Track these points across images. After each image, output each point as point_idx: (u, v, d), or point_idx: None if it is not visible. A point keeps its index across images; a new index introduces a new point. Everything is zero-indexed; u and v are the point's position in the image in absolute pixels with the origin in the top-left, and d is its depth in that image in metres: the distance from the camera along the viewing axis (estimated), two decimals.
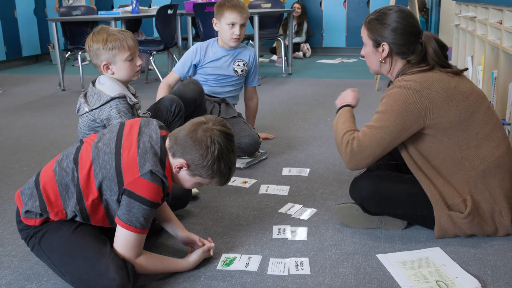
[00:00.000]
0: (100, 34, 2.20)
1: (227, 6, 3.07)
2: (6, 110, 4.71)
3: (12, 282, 1.81)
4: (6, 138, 3.72)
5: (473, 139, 1.93)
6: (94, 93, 2.23)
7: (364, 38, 2.11)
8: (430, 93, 1.90)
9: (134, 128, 1.76)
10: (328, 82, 5.86)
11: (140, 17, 6.14)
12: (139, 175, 1.64)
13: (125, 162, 1.66)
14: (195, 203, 2.44)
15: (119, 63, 2.22)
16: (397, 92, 1.93)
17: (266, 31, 6.82)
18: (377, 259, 1.91)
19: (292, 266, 1.87)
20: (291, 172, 2.87)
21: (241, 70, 3.26)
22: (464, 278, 1.76)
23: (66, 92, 5.61)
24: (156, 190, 1.66)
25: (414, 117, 1.91)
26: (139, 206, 1.64)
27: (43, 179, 1.76)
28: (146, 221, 1.68)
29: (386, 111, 1.94)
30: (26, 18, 7.84)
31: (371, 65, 2.15)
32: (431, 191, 1.96)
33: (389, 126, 1.93)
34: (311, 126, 3.88)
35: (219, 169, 1.70)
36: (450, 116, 1.91)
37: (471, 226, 1.96)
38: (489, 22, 3.75)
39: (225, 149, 1.69)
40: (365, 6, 8.22)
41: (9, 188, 2.72)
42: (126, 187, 1.64)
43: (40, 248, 1.75)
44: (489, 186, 1.95)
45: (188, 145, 1.68)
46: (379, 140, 1.95)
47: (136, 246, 1.69)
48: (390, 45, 2.02)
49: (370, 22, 2.08)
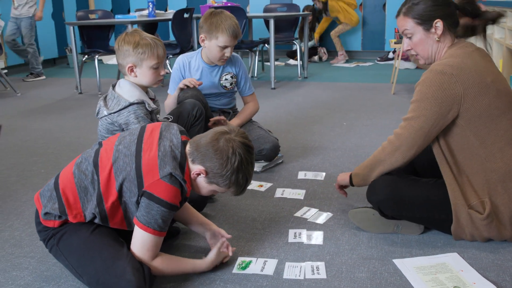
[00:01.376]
0: (133, 36, 2.23)
1: (223, 29, 2.82)
2: (24, 113, 4.76)
3: (30, 283, 1.82)
4: (23, 141, 3.76)
5: (498, 141, 1.92)
6: (113, 97, 2.26)
7: (410, 28, 2.03)
8: (466, 80, 1.87)
9: (155, 132, 1.77)
10: (344, 85, 5.85)
11: (157, 21, 6.17)
12: (159, 177, 1.65)
13: (145, 165, 1.68)
14: (211, 206, 2.44)
15: (144, 69, 2.24)
16: (431, 77, 1.91)
17: (281, 34, 6.83)
18: (394, 264, 1.89)
19: (308, 270, 1.87)
20: (307, 176, 2.86)
21: (230, 84, 3.06)
22: (482, 284, 1.74)
23: (83, 95, 5.66)
24: (175, 193, 1.67)
25: (449, 103, 1.89)
26: (158, 208, 1.65)
27: (62, 181, 1.77)
28: (164, 223, 1.69)
29: (421, 99, 1.93)
30: (44, 21, 7.91)
31: (425, 51, 2.05)
32: (453, 187, 1.94)
33: (426, 115, 1.92)
34: (327, 130, 3.87)
35: (237, 180, 1.72)
36: (481, 108, 1.89)
37: (489, 229, 1.94)
38: (508, 25, 3.71)
39: (244, 161, 1.71)
40: (381, 9, 8.19)
41: (26, 190, 2.75)
42: (145, 189, 1.66)
43: (58, 249, 1.76)
44: (509, 190, 1.92)
45: (209, 153, 1.69)
46: (417, 129, 1.94)
47: (153, 248, 1.70)
48: (442, 19, 1.98)
49: (409, 9, 2.02)
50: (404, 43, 2.11)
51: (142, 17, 5.94)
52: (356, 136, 3.67)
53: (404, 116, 2.00)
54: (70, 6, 8.48)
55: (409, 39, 2.06)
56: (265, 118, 4.20)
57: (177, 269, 1.81)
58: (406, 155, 1.99)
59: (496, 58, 4.18)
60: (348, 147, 3.39)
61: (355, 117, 4.26)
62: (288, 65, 7.79)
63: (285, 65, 7.80)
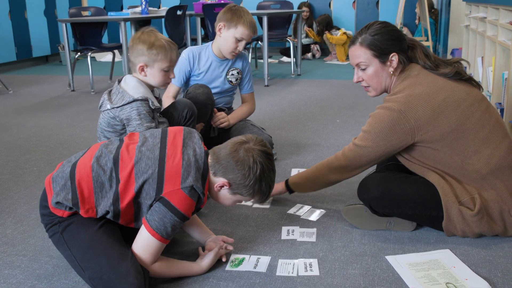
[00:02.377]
0: (149, 36, 2.24)
1: (244, 21, 2.86)
2: (16, 111, 4.74)
3: (22, 281, 1.81)
4: (16, 139, 3.74)
5: (471, 145, 1.93)
6: (118, 92, 2.27)
7: (365, 59, 2.03)
8: (416, 112, 1.90)
9: (178, 138, 1.76)
10: (337, 83, 5.85)
11: (150, 18, 6.15)
12: (179, 187, 1.65)
13: (168, 171, 1.67)
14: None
15: (155, 70, 2.26)
16: (381, 114, 1.96)
17: (274, 32, 6.82)
18: (386, 260, 1.90)
19: (301, 267, 1.87)
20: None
21: (235, 79, 3.10)
22: (474, 280, 1.75)
23: (76, 92, 5.64)
24: (191, 205, 1.68)
25: (400, 137, 1.95)
26: (172, 217, 1.65)
27: (79, 172, 1.72)
28: (173, 232, 1.70)
29: (370, 131, 2.00)
30: (37, 19, 7.89)
31: (378, 83, 2.07)
32: (442, 185, 1.95)
33: (372, 146, 2.00)
34: (320, 127, 3.88)
35: (260, 188, 1.73)
36: (440, 128, 1.91)
37: (480, 225, 1.95)
38: (500, 22, 3.72)
39: (266, 169, 1.72)
40: (375, 7, 8.21)
41: (18, 188, 2.73)
42: (164, 195, 1.66)
43: (62, 237, 1.75)
44: (495, 186, 1.94)
45: (230, 165, 1.70)
46: (363, 157, 2.04)
47: (155, 253, 1.71)
48: (398, 53, 2.00)
49: (366, 40, 2.01)
50: (355, 75, 2.10)
51: (135, 14, 5.92)
52: (350, 133, 3.67)
53: (354, 140, 2.07)
54: (62, 3, 8.44)
55: (363, 71, 2.06)
56: (258, 115, 4.20)
57: (174, 273, 1.81)
58: (350, 174, 2.14)
59: (488, 56, 4.19)
60: (341, 144, 3.39)
61: (348, 114, 4.27)
62: (282, 62, 7.79)
63: (279, 63, 7.80)
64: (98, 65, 7.82)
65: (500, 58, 3.72)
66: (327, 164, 2.16)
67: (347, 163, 2.09)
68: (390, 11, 8.06)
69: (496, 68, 3.76)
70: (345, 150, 2.09)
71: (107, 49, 6.16)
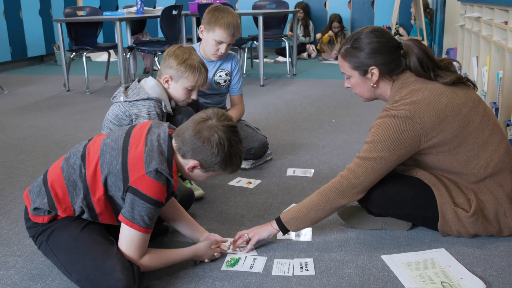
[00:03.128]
0: (184, 53, 2.31)
1: (221, 23, 2.81)
2: (11, 111, 4.73)
3: (17, 282, 1.81)
4: (11, 139, 3.73)
5: (471, 149, 1.93)
6: (134, 88, 2.32)
7: (347, 71, 2.04)
8: (422, 118, 1.87)
9: (144, 128, 1.77)
10: (333, 82, 5.86)
11: (145, 18, 6.14)
12: (144, 172, 1.65)
13: (131, 159, 1.67)
14: (200, 204, 2.44)
15: (178, 86, 2.32)
16: (387, 122, 1.90)
17: (270, 31, 6.82)
18: (382, 260, 1.90)
19: (297, 266, 1.87)
20: (296, 172, 2.86)
21: (223, 81, 3.05)
22: (469, 279, 1.75)
23: (71, 92, 5.63)
24: (160, 189, 1.66)
25: (409, 144, 1.90)
26: (143, 204, 1.64)
27: (50, 176, 1.76)
28: (150, 220, 1.68)
29: (378, 141, 1.90)
30: (31, 18, 7.86)
31: (363, 94, 2.08)
32: (438, 186, 1.96)
33: (385, 156, 1.89)
34: (316, 126, 3.88)
35: (231, 161, 1.75)
36: (444, 134, 1.90)
37: (475, 226, 1.95)
38: (495, 22, 3.73)
39: (234, 143, 1.73)
40: (370, 6, 8.22)
41: (14, 189, 2.72)
42: (131, 184, 1.65)
43: (48, 245, 1.75)
44: (491, 188, 1.95)
45: (197, 146, 1.70)
46: (376, 170, 1.91)
47: (140, 246, 1.70)
48: (378, 67, 1.97)
49: (347, 52, 2.00)
50: (345, 81, 2.12)
51: (131, 14, 5.91)
52: (345, 133, 3.68)
53: (359, 155, 1.94)
54: (57, 3, 8.41)
55: (348, 79, 2.08)
56: (254, 115, 4.20)
57: (165, 263, 1.80)
58: (360, 195, 1.96)
59: (483, 55, 4.20)
60: (336, 144, 3.40)
61: (344, 114, 4.27)
62: (277, 62, 7.79)
63: (274, 62, 7.80)
64: (93, 65, 7.80)
65: (495, 58, 3.73)
66: (334, 187, 1.94)
67: (358, 181, 1.92)
68: (385, 10, 8.08)
69: (491, 67, 3.77)
70: (352, 168, 1.94)
71: (102, 49, 6.15)
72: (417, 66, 1.95)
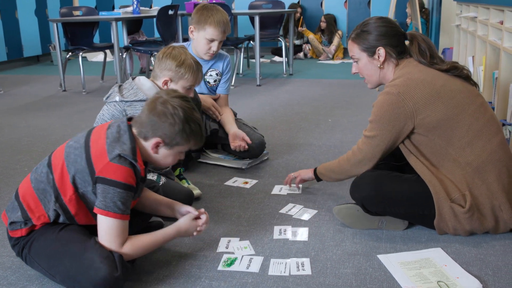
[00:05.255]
0: (180, 54, 2.31)
1: (211, 21, 2.82)
2: (7, 111, 4.72)
3: (14, 282, 1.81)
4: (7, 139, 3.72)
5: (464, 136, 1.97)
6: (131, 88, 2.30)
7: (356, 53, 2.17)
8: (414, 94, 1.97)
9: (104, 125, 1.81)
10: (329, 82, 5.86)
11: (141, 18, 6.13)
12: (108, 160, 1.67)
13: (94, 152, 1.70)
14: (196, 204, 2.44)
15: (178, 86, 2.32)
16: (381, 100, 2.04)
17: (266, 31, 6.82)
18: (378, 259, 1.91)
19: (293, 266, 1.87)
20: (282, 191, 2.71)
21: (213, 81, 3.07)
22: (465, 278, 1.76)
23: (67, 92, 5.61)
24: (127, 172, 1.68)
25: (402, 120, 1.99)
26: (114, 190, 1.66)
27: (21, 190, 1.81)
28: (124, 205, 1.68)
29: (376, 119, 2.05)
30: (27, 18, 7.84)
31: (371, 76, 2.20)
32: (433, 182, 1.97)
33: (381, 134, 2.04)
34: (312, 126, 3.88)
35: (191, 129, 1.75)
36: (437, 114, 1.96)
37: (471, 221, 1.97)
38: (490, 22, 3.74)
39: (188, 110, 1.75)
40: (366, 6, 8.22)
41: (10, 189, 2.72)
42: (98, 174, 1.67)
43: (31, 257, 1.77)
44: (486, 181, 1.96)
45: (155, 122, 1.72)
46: (375, 146, 2.08)
47: (119, 234, 1.70)
48: (385, 47, 2.09)
49: (357, 35, 2.16)
50: (353, 67, 2.24)
51: (127, 14, 5.90)
52: (342, 133, 3.68)
53: (365, 132, 2.13)
54: (53, 3, 8.39)
55: (356, 63, 2.20)
56: (250, 115, 4.20)
57: (149, 247, 1.80)
58: (368, 166, 2.14)
59: (479, 55, 4.21)
60: (333, 144, 3.40)
61: (340, 114, 4.28)
62: (274, 62, 7.79)
63: (271, 62, 7.80)
64: (89, 65, 7.78)
65: (491, 58, 3.74)
66: (347, 159, 2.21)
67: (363, 156, 2.12)
68: (381, 10, 8.07)
69: (487, 67, 3.78)
70: (359, 144, 2.15)
71: (98, 49, 6.14)
72: (418, 54, 2.09)
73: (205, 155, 3.13)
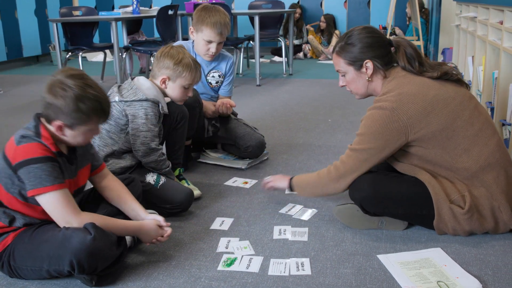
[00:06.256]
0: (178, 53, 2.31)
1: (208, 22, 2.80)
2: (7, 111, 4.71)
3: (13, 282, 1.81)
4: (6, 139, 3.70)
5: (461, 143, 1.95)
6: (130, 87, 2.31)
7: (342, 67, 2.11)
8: (408, 109, 1.93)
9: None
10: (329, 82, 5.86)
11: (141, 18, 6.13)
12: (16, 146, 1.68)
13: (6, 150, 1.72)
14: (196, 204, 2.44)
15: (176, 85, 2.32)
16: (374, 114, 1.98)
17: (266, 31, 6.83)
18: (378, 259, 1.91)
19: (293, 266, 1.87)
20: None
21: (215, 82, 3.03)
22: (465, 278, 1.76)
23: None
24: (36, 147, 1.68)
25: (395, 136, 1.95)
26: (32, 167, 1.65)
27: None
28: (52, 175, 1.67)
29: (366, 133, 2.00)
30: (27, 18, 7.84)
31: (359, 89, 2.13)
32: (432, 184, 1.97)
33: (371, 148, 1.99)
34: (312, 126, 3.88)
35: (87, 107, 1.69)
36: (432, 126, 1.94)
37: (471, 222, 1.97)
38: (490, 22, 3.74)
39: (80, 89, 1.67)
40: (366, 6, 8.22)
41: None
42: (13, 163, 1.67)
43: (17, 265, 1.76)
44: (485, 183, 1.96)
45: (49, 104, 1.69)
46: (362, 161, 2.03)
47: (65, 204, 1.70)
48: (372, 60, 2.04)
49: (342, 48, 2.09)
50: (339, 80, 2.17)
51: (126, 14, 5.89)
52: (341, 133, 3.68)
53: (350, 146, 2.07)
54: (53, 3, 8.39)
55: (343, 77, 2.13)
56: (250, 115, 4.20)
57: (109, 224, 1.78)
58: (347, 181, 2.07)
59: (479, 55, 4.21)
60: (333, 144, 3.40)
61: (340, 114, 4.28)
62: (273, 62, 7.79)
63: (270, 62, 7.80)
64: (89, 65, 7.78)
65: (490, 58, 3.74)
66: (327, 172, 2.12)
67: (345, 170, 2.05)
68: (381, 10, 8.08)
69: (487, 67, 3.78)
70: (342, 158, 2.08)
71: (98, 49, 6.14)
72: (406, 62, 2.03)
73: (205, 155, 3.13)
